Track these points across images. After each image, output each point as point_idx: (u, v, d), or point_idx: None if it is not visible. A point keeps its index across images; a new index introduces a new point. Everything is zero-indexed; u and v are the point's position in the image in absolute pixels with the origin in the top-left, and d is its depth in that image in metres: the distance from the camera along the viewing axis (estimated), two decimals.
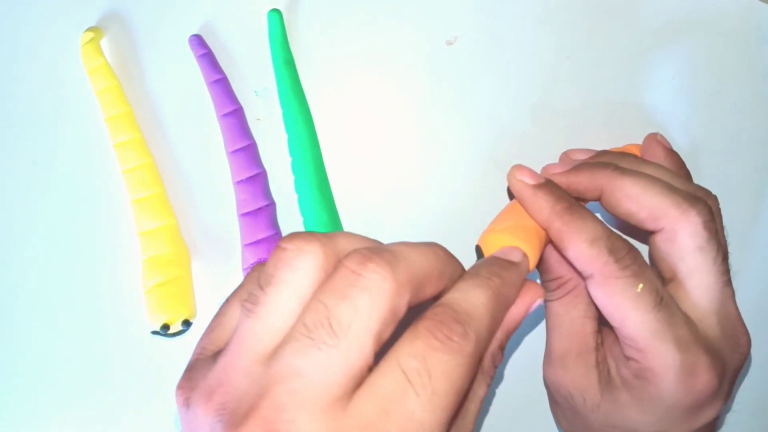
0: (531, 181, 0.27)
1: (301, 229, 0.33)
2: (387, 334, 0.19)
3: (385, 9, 0.36)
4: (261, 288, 0.20)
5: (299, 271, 0.19)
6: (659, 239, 0.27)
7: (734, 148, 0.35)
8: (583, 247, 0.25)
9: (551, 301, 0.29)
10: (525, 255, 0.25)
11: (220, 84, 0.34)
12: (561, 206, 0.26)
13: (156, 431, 0.33)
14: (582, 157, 0.31)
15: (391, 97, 0.35)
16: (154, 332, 0.31)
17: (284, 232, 0.33)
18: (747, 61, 0.36)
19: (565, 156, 0.33)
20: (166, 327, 0.31)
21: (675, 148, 0.31)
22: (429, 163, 0.35)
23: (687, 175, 0.31)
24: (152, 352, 0.33)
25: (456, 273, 0.22)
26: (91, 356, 0.33)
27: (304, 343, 0.18)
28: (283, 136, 0.34)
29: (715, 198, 0.28)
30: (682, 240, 0.26)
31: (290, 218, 0.34)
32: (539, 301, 0.24)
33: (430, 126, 0.35)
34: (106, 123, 0.34)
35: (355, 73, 0.36)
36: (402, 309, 0.19)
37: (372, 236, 0.34)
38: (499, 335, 0.23)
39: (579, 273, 0.27)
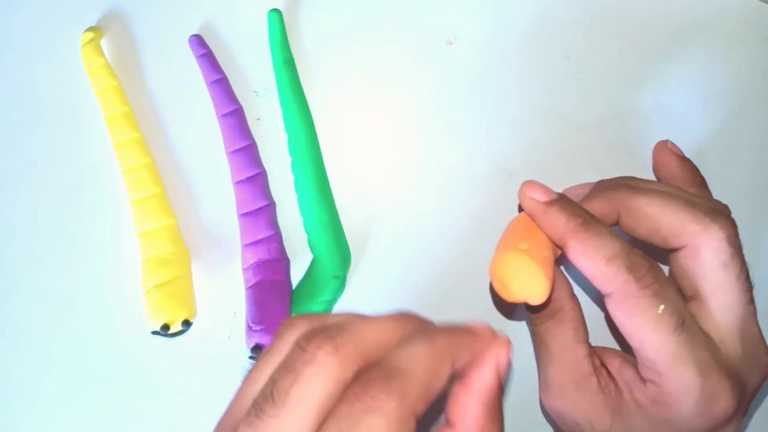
0: (543, 198, 0.25)
1: (301, 228, 0.33)
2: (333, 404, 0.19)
3: (385, 9, 0.36)
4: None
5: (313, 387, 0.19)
6: (681, 257, 0.25)
7: (734, 148, 0.35)
8: (600, 264, 0.24)
9: (537, 326, 0.27)
10: (489, 329, 0.22)
11: (220, 84, 0.34)
12: (575, 222, 0.25)
13: (156, 431, 0.33)
14: (583, 191, 0.30)
15: (391, 97, 0.35)
16: (154, 332, 0.31)
17: (284, 232, 0.33)
18: (747, 62, 0.36)
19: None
20: (166, 327, 0.31)
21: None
22: (429, 162, 0.35)
23: (702, 183, 0.30)
24: (152, 352, 0.33)
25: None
26: (90, 356, 0.33)
27: (250, 418, 0.19)
28: (283, 136, 0.34)
29: (726, 208, 0.27)
30: (706, 257, 0.25)
31: (290, 218, 0.34)
32: (505, 356, 0.21)
33: (429, 125, 0.35)
34: (106, 123, 0.34)
35: (354, 72, 0.36)
36: (347, 379, 0.19)
37: (371, 236, 0.34)
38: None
39: (587, 290, 0.26)
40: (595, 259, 0.24)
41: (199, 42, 0.35)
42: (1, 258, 0.34)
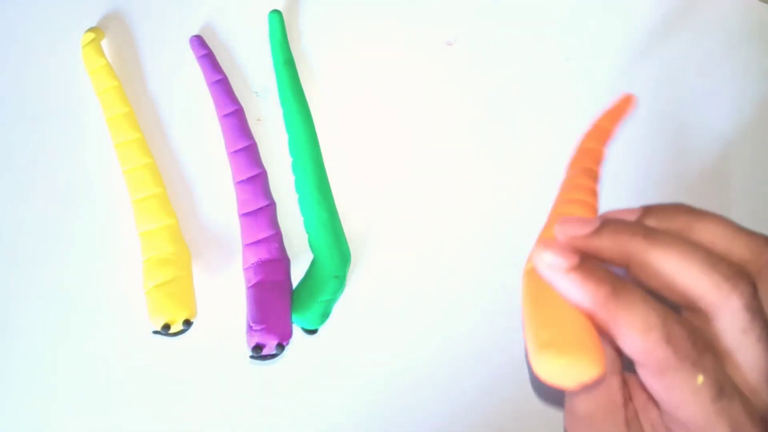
0: (562, 263, 0.23)
1: (301, 228, 0.33)
2: None
3: (385, 9, 0.36)
4: None
5: None
6: (696, 317, 0.24)
7: (734, 148, 0.35)
8: (635, 338, 0.22)
9: None
10: None
11: (221, 84, 0.34)
12: (602, 293, 0.22)
13: (156, 431, 0.33)
14: (629, 216, 0.26)
15: (391, 98, 0.35)
16: (155, 332, 0.31)
17: (284, 232, 0.33)
18: (747, 61, 0.36)
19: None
20: (167, 327, 0.31)
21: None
22: (428, 162, 0.35)
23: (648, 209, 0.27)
24: (153, 352, 0.33)
25: None
26: (91, 356, 0.33)
27: None
28: (283, 136, 0.34)
29: (757, 253, 0.24)
30: (722, 323, 0.23)
31: (290, 218, 0.34)
32: None
33: (429, 126, 0.35)
34: (106, 123, 0.34)
35: (354, 73, 0.36)
36: None
37: (371, 235, 0.34)
38: None
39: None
40: (629, 332, 0.22)
41: (199, 43, 0.35)
42: (1, 258, 0.34)
